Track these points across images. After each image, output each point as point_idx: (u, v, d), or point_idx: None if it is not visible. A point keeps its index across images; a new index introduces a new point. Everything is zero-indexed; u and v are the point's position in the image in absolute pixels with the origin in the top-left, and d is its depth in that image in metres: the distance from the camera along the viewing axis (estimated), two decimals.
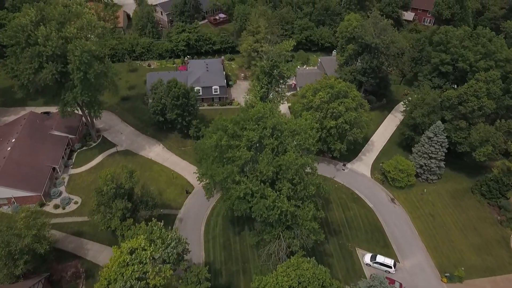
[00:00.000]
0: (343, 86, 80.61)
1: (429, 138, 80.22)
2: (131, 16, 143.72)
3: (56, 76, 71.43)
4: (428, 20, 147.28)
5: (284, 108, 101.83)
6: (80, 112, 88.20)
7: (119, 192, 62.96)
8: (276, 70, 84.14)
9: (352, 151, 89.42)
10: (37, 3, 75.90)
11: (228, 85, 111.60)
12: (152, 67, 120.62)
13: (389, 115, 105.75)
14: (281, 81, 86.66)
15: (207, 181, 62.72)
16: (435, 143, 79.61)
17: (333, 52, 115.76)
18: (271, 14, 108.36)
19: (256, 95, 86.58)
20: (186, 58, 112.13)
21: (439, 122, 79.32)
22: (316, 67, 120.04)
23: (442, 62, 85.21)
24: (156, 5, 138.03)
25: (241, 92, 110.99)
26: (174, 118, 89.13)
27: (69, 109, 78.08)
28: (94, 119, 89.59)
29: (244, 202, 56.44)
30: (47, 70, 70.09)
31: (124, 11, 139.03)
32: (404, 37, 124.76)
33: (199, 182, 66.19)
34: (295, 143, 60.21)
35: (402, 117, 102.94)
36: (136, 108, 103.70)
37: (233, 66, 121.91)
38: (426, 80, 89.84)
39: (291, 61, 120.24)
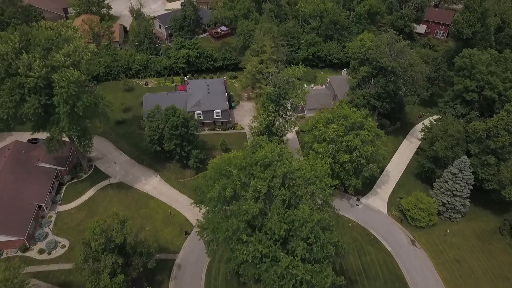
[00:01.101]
0: (358, 116, 73.10)
1: (454, 174, 72.66)
2: (128, 29, 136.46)
3: (39, 110, 63.89)
4: (441, 33, 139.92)
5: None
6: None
7: (109, 246, 55.46)
8: (284, 98, 76.59)
9: (366, 183, 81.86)
10: (22, 27, 68.55)
11: (231, 107, 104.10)
12: (150, 86, 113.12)
13: (404, 140, 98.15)
14: (289, 108, 79.11)
15: (209, 236, 55.04)
16: (460, 180, 72.07)
17: (343, 71, 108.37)
18: (277, 31, 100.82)
19: (262, 123, 79.08)
20: (186, 78, 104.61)
21: (465, 157, 71.80)
22: (324, 87, 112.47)
23: (466, 89, 77.73)
24: (154, 17, 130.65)
25: (244, 114, 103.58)
26: (173, 149, 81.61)
27: (55, 145, 70.45)
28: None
29: (252, 266, 48.85)
30: (29, 104, 62.62)
31: (120, 24, 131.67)
32: (417, 52, 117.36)
33: (199, 237, 58.22)
34: (309, 190, 52.60)
35: (418, 142, 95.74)
36: (131, 134, 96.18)
37: (236, 85, 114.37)
38: (448, 107, 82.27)
39: (299, 79, 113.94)
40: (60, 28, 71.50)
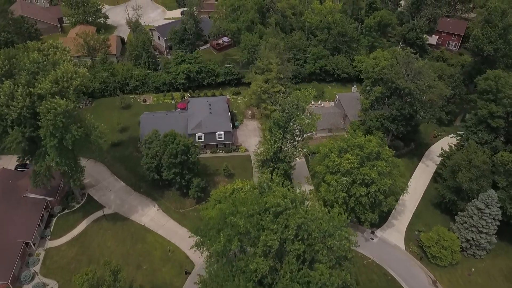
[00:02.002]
0: (374, 146, 66.79)
1: (479, 209, 66.32)
2: (125, 41, 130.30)
3: (23, 144, 57.67)
4: (453, 44, 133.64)
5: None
6: None
7: None
8: (293, 124, 70.37)
9: (381, 214, 75.50)
10: (6, 50, 62.48)
11: (234, 126, 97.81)
12: (148, 103, 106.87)
13: (420, 163, 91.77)
14: (297, 134, 72.85)
15: None
16: (487, 216, 65.79)
17: (353, 87, 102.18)
18: (283, 47, 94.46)
19: (269, 149, 72.80)
20: (186, 97, 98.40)
21: (492, 191, 65.50)
22: (333, 103, 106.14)
23: (491, 115, 71.41)
24: (153, 29, 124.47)
25: (248, 134, 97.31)
26: (172, 178, 75.35)
27: (43, 179, 64.17)
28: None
29: None
30: (11, 137, 56.45)
31: (117, 36, 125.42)
32: (431, 67, 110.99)
33: None
34: (327, 244, 46.28)
35: (435, 166, 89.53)
36: (128, 157, 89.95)
37: (239, 101, 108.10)
38: (470, 133, 75.85)
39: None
40: (50, 49, 65.43)
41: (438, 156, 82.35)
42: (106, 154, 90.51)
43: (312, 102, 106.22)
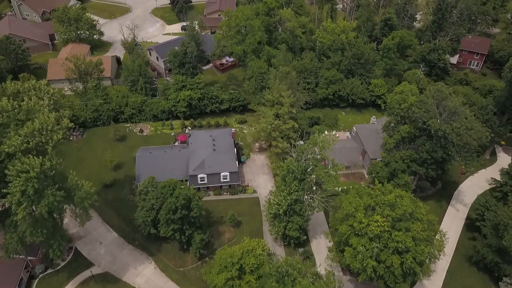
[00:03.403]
0: (408, 205, 56.81)
1: None
2: (121, 60, 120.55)
3: None
4: (476, 63, 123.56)
5: None
6: None
7: None
8: (311, 175, 60.58)
9: None
10: None
11: (240, 162, 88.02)
12: (145, 133, 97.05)
13: (449, 207, 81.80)
14: (315, 187, 63.03)
15: None
16: None
17: (372, 119, 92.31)
18: (295, 76, 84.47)
19: (282, 202, 63.02)
20: (187, 130, 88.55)
21: None
22: (348, 134, 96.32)
23: None
24: (151, 48, 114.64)
25: (256, 171, 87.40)
26: (170, 234, 65.53)
27: (16, 250, 54.36)
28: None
29: None
30: None
31: (112, 56, 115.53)
32: (454, 91, 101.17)
33: None
34: None
35: (466, 210, 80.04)
36: (122, 200, 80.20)
37: (245, 131, 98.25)
38: None
39: (317, 122, 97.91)
40: (31, 91, 55.73)
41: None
42: (97, 196, 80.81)
43: (326, 132, 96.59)
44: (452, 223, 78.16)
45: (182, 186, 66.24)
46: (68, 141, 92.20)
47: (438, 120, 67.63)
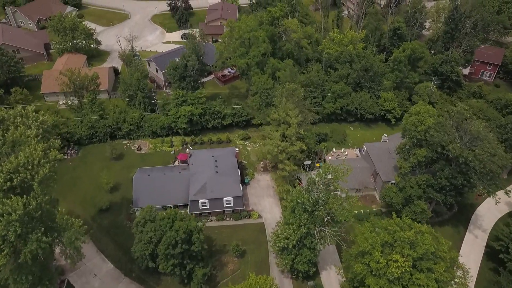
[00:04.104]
0: (430, 244, 51.84)
1: None
2: (119, 71, 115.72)
3: None
4: (488, 74, 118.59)
5: None
6: None
7: None
8: (322, 209, 55.68)
9: None
10: None
11: (244, 183, 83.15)
12: (143, 151, 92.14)
13: (467, 233, 76.89)
14: (327, 219, 58.14)
15: None
16: None
17: (383, 137, 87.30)
18: (302, 93, 79.49)
19: (292, 236, 58.10)
20: (188, 150, 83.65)
21: None
22: (357, 152, 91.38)
23: None
24: (150, 60, 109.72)
25: (261, 194, 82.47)
26: (170, 270, 60.60)
27: None
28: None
29: None
30: None
31: (109, 67, 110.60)
32: (468, 106, 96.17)
33: None
34: None
35: (485, 236, 75.24)
36: (119, 227, 75.38)
37: (249, 148, 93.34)
38: None
39: (324, 138, 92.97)
40: (16, 118, 50.82)
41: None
42: (92, 222, 76.30)
43: (334, 150, 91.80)
44: (471, 252, 73.25)
45: (182, 215, 61.45)
46: (62, 160, 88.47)
47: (459, 145, 62.63)
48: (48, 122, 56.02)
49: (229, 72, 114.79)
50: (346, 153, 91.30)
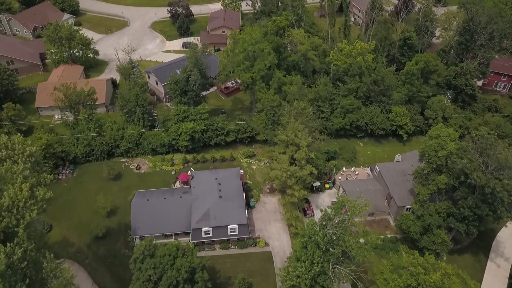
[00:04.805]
0: (457, 285, 46.91)
1: None
2: (118, 83, 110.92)
3: None
4: (503, 85, 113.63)
5: None
6: None
7: None
8: (338, 247, 50.82)
9: None
10: None
11: (249, 206, 78.35)
12: (143, 170, 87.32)
13: (488, 262, 72.02)
14: (342, 259, 53.26)
15: None
16: None
17: (396, 156, 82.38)
18: (311, 112, 74.60)
19: (304, 275, 53.17)
20: (189, 172, 78.71)
21: None
22: (369, 171, 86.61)
23: None
24: (150, 71, 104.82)
25: (267, 218, 77.61)
26: None
27: None
28: None
29: None
30: None
31: (107, 80, 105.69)
32: (485, 123, 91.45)
33: None
34: None
35: (509, 266, 70.25)
36: (116, 256, 70.62)
37: (254, 167, 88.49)
38: None
39: (334, 156, 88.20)
40: (2, 151, 45.94)
41: (507, 249, 62.89)
42: (88, 250, 71.52)
43: (344, 169, 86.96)
44: (494, 283, 68.39)
45: (184, 249, 56.69)
46: (56, 181, 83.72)
47: (484, 173, 57.75)
48: (37, 153, 50.96)
49: (232, 84, 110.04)
50: (357, 172, 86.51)
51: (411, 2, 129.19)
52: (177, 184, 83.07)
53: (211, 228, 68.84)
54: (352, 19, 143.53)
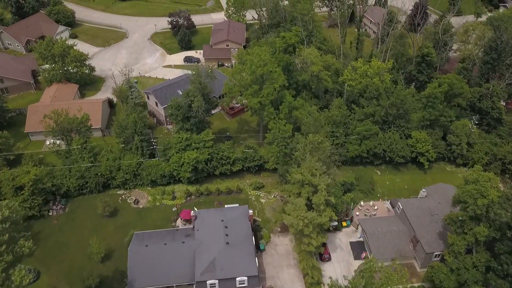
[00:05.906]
0: None
1: None
2: (114, 103, 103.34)
3: None
4: None
5: None
6: None
7: None
8: None
9: None
10: None
11: (259, 249, 70.72)
12: (141, 205, 79.71)
13: None
14: None
15: None
16: None
17: (421, 192, 74.73)
18: (328, 146, 66.91)
19: None
20: (192, 213, 70.92)
21: None
22: (389, 205, 78.94)
23: None
24: (149, 92, 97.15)
25: (279, 263, 69.89)
26: None
27: None
28: None
29: None
30: None
31: (103, 101, 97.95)
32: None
33: None
34: None
35: None
36: None
37: (262, 200, 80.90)
38: None
39: (350, 188, 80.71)
40: None
41: None
42: None
43: (362, 203, 79.34)
44: None
45: None
46: (46, 218, 76.29)
47: None
48: (13, 214, 43.30)
49: (237, 104, 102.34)
50: (376, 207, 78.79)
51: (427, 13, 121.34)
52: (179, 222, 75.61)
53: (217, 281, 61.10)
54: (363, 30, 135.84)
